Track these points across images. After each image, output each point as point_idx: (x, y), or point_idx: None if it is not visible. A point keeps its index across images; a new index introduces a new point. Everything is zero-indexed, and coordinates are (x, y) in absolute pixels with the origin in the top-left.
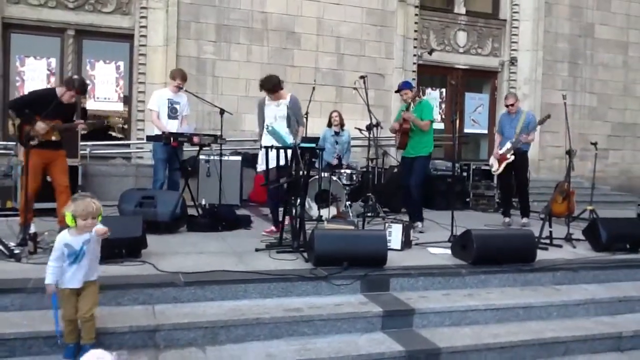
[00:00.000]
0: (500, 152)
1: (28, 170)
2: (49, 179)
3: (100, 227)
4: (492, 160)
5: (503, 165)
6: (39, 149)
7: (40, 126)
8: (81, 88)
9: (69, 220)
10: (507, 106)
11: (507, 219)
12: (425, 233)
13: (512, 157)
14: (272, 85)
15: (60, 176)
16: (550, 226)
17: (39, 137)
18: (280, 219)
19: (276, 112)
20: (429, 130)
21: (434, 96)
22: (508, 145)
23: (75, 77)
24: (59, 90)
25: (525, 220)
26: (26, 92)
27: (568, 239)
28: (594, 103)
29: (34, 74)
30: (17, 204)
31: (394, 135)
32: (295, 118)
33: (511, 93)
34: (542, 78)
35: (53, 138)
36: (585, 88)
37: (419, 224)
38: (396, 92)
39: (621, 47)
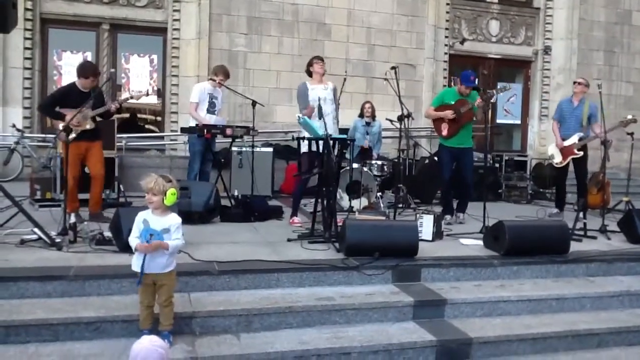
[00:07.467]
0: (566, 144)
1: (67, 163)
2: (87, 170)
3: (151, 244)
4: (554, 150)
5: (569, 159)
6: (76, 141)
7: (68, 118)
8: (82, 71)
9: None
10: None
11: (555, 211)
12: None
13: (581, 153)
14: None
15: (96, 166)
16: (584, 217)
17: (74, 130)
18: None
19: (325, 94)
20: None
21: None
22: (575, 138)
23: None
24: (78, 82)
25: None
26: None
27: (603, 230)
28: (630, 92)
29: (71, 68)
30: (57, 194)
31: (436, 118)
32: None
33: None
34: (577, 67)
35: (87, 127)
36: (622, 77)
37: (461, 214)
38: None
39: None
